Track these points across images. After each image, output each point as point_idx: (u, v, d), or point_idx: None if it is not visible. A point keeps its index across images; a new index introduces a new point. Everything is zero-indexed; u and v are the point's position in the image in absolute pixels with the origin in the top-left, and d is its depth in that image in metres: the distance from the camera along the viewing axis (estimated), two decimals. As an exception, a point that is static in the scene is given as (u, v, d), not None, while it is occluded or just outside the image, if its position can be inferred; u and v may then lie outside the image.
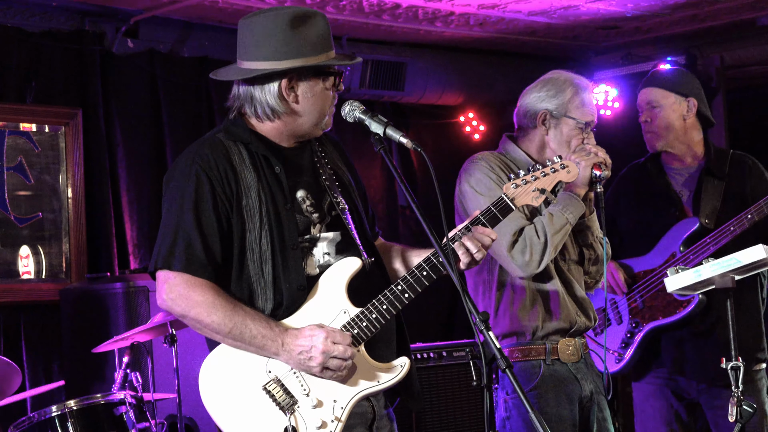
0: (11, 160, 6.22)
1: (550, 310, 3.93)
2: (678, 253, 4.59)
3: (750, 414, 3.66)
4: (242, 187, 3.12)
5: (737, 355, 3.71)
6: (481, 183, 3.93)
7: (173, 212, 3.11)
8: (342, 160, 3.40)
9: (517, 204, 3.29)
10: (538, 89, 4.07)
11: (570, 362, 3.95)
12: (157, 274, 3.11)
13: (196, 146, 3.19)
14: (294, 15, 3.17)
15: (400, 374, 3.15)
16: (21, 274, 6.23)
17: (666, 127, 4.71)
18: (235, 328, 3.05)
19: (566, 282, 3.98)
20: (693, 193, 4.70)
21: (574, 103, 4.01)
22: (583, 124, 4.00)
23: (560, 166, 3.36)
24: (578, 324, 3.96)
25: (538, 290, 3.94)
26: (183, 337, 5.15)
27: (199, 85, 6.93)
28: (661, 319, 4.57)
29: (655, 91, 4.75)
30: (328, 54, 3.18)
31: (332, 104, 3.24)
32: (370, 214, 3.44)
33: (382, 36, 7.38)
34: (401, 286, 3.14)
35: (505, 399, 3.93)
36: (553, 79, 4.08)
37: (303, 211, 3.18)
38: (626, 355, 4.62)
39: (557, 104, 4.02)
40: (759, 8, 7.15)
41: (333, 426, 3.08)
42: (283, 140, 3.25)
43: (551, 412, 3.85)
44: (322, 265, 3.18)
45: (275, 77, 3.16)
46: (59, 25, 6.40)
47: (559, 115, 4.01)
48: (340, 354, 3.05)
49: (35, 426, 4.73)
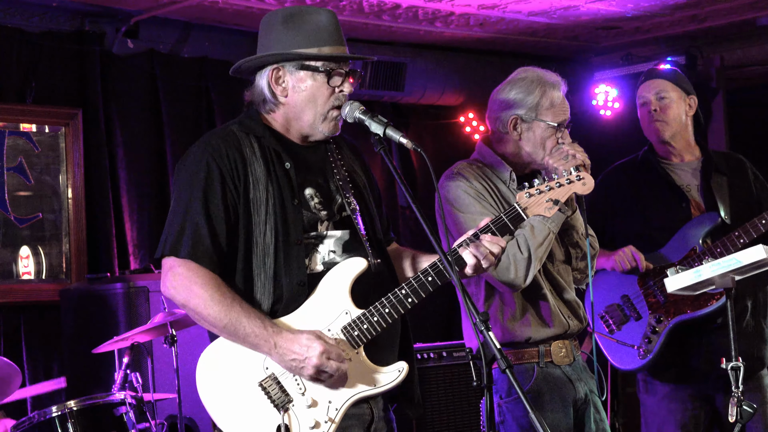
0: (11, 161, 6.22)
1: (543, 319, 3.87)
2: (699, 247, 4.58)
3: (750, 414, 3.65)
4: (251, 179, 3.13)
5: (737, 355, 3.71)
6: (460, 200, 3.83)
7: (182, 200, 3.13)
8: (359, 164, 3.39)
9: (529, 214, 3.25)
10: (506, 92, 3.93)
11: (563, 364, 3.90)
12: (163, 261, 3.13)
13: (209, 136, 3.21)
14: (294, 11, 3.20)
15: (397, 379, 3.14)
16: (21, 275, 6.23)
17: (674, 119, 4.73)
18: (230, 324, 3.06)
19: (556, 286, 3.94)
20: (701, 187, 4.70)
21: (544, 105, 3.88)
22: (557, 125, 3.88)
23: (576, 177, 3.30)
24: (571, 328, 3.93)
25: (528, 300, 3.88)
26: (183, 338, 5.15)
27: (199, 86, 6.94)
28: (689, 312, 4.55)
29: (663, 82, 4.76)
30: (322, 49, 3.17)
31: (332, 105, 3.20)
32: (384, 219, 3.43)
33: (382, 36, 7.38)
34: (405, 290, 3.13)
35: (498, 403, 3.87)
36: (519, 79, 3.93)
37: (311, 208, 3.18)
38: (652, 350, 4.59)
39: (526, 108, 3.88)
40: (759, 8, 7.15)
41: (326, 427, 3.07)
42: (293, 136, 3.25)
43: (546, 415, 3.79)
44: (326, 262, 3.18)
45: (266, 67, 3.20)
46: (59, 26, 6.40)
47: (529, 119, 3.88)
48: (331, 371, 3.04)
49: (35, 426, 4.73)
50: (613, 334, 4.69)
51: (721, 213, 4.61)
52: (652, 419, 4.77)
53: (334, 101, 3.20)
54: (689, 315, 4.55)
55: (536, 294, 3.88)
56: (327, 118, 3.21)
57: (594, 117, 7.93)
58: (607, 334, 4.69)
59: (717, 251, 4.49)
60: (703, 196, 4.69)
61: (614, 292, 4.72)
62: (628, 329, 4.68)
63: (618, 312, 4.71)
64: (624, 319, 4.69)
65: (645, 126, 4.82)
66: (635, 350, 4.62)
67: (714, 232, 4.60)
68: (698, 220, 4.64)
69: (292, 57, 3.17)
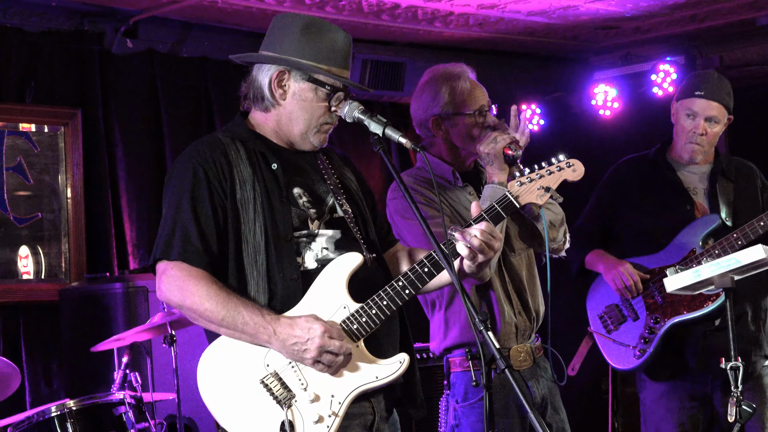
0: (10, 161, 6.22)
1: (493, 314, 3.86)
2: (698, 249, 4.59)
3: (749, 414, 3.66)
4: (237, 180, 3.16)
5: (737, 355, 3.72)
6: (408, 209, 3.80)
7: (172, 206, 3.17)
8: (350, 170, 3.42)
9: (521, 202, 3.29)
10: (419, 98, 3.99)
11: (522, 368, 3.90)
12: (157, 266, 3.16)
13: (194, 144, 3.26)
14: (314, 22, 3.23)
15: (399, 370, 3.14)
16: (20, 275, 6.23)
17: (711, 143, 4.72)
18: (228, 315, 3.07)
19: (511, 277, 3.92)
20: (708, 191, 4.71)
21: (456, 98, 3.91)
22: (475, 111, 3.91)
23: (566, 164, 3.34)
24: (520, 324, 3.90)
25: (480, 297, 3.89)
26: (182, 338, 5.15)
27: (198, 85, 6.93)
28: (685, 313, 4.56)
29: (718, 107, 4.70)
30: (331, 69, 3.21)
31: (325, 121, 3.24)
32: (378, 221, 3.44)
33: (382, 36, 7.38)
34: (402, 282, 3.14)
35: (454, 407, 3.90)
36: (426, 83, 3.99)
37: (299, 205, 3.20)
38: (648, 350, 4.60)
39: (440, 106, 3.93)
40: (758, 8, 7.15)
41: (330, 421, 3.07)
42: (281, 141, 3.29)
43: (498, 421, 3.81)
44: (320, 259, 3.19)
45: (272, 66, 3.22)
46: (58, 25, 6.40)
47: (447, 115, 3.93)
48: (335, 349, 3.04)
49: (35, 426, 4.73)
50: (610, 333, 4.70)
51: (722, 215, 4.62)
52: (650, 418, 4.79)
53: (328, 119, 3.26)
54: (685, 316, 4.57)
55: (488, 291, 3.88)
56: (319, 131, 3.26)
57: (593, 117, 7.93)
58: (604, 334, 4.71)
59: (715, 253, 4.50)
60: (708, 200, 4.70)
61: (613, 293, 4.74)
62: (626, 329, 4.70)
63: (616, 312, 4.72)
64: (622, 319, 4.70)
65: (681, 134, 4.76)
66: (631, 350, 4.63)
67: (715, 235, 4.60)
68: (699, 222, 4.64)
69: (304, 67, 3.20)
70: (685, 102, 4.72)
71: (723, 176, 4.73)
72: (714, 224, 4.61)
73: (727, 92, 4.75)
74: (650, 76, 7.63)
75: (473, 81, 3.96)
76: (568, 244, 4.04)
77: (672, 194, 4.74)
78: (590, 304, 4.86)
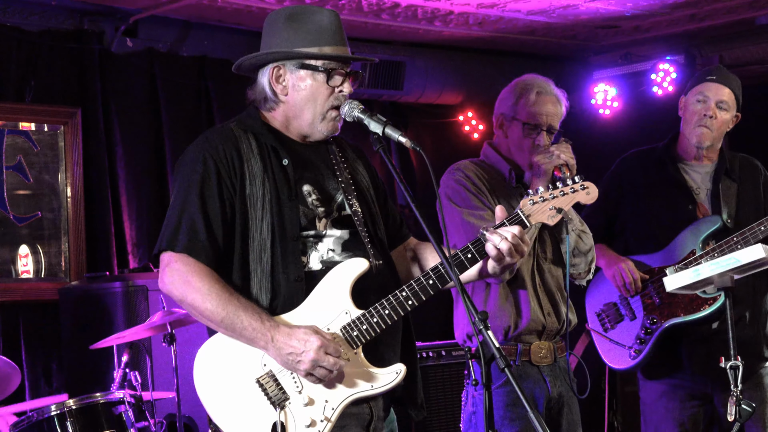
0: (10, 160, 6.22)
1: (520, 310, 3.93)
2: (698, 250, 4.58)
3: (749, 413, 3.66)
4: (247, 175, 3.14)
5: (736, 354, 3.72)
6: (458, 194, 3.92)
7: (179, 196, 3.15)
8: (362, 165, 3.40)
9: (532, 221, 3.25)
10: (502, 94, 4.10)
11: (542, 364, 3.97)
12: (161, 257, 3.14)
13: (206, 134, 3.23)
14: (297, 10, 3.21)
15: (394, 381, 3.12)
16: (20, 274, 6.23)
17: (720, 130, 4.70)
18: (227, 317, 3.06)
19: (543, 281, 3.99)
20: (710, 192, 4.70)
21: (520, 104, 4.01)
22: (530, 125, 3.97)
23: (580, 186, 3.31)
24: (548, 325, 3.97)
25: (511, 290, 3.95)
26: (182, 336, 5.15)
27: (198, 85, 6.94)
28: (681, 315, 4.56)
29: (729, 93, 4.70)
30: (323, 49, 3.18)
31: (331, 105, 3.21)
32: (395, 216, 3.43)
33: (381, 35, 7.38)
34: (406, 293, 3.13)
35: (473, 395, 3.93)
36: (515, 82, 4.09)
37: (308, 204, 3.18)
38: (643, 351, 4.61)
39: (509, 106, 4.04)
40: (757, 7, 7.15)
41: (322, 426, 3.07)
42: (293, 135, 3.27)
43: (513, 410, 3.86)
44: (325, 261, 3.17)
45: (267, 65, 3.21)
46: (58, 25, 6.40)
47: (508, 117, 4.04)
48: (329, 366, 3.03)
49: (34, 425, 4.73)
50: (607, 332, 4.70)
51: (723, 216, 4.61)
52: (650, 418, 4.78)
53: (334, 101, 3.21)
54: (682, 319, 4.56)
55: (518, 286, 3.94)
56: (326, 118, 3.22)
57: (593, 116, 7.94)
58: (601, 332, 4.71)
59: (715, 255, 4.49)
60: (711, 201, 4.69)
61: (612, 291, 4.73)
62: (623, 329, 4.69)
63: (614, 311, 4.71)
64: (619, 318, 4.70)
65: (690, 121, 4.71)
66: (627, 350, 4.63)
67: (716, 237, 4.60)
68: (700, 223, 4.64)
69: (292, 56, 3.18)
70: (697, 87, 4.71)
71: (727, 176, 4.72)
72: (715, 226, 4.60)
73: (737, 85, 4.76)
74: (650, 75, 7.64)
75: (546, 98, 4.03)
76: (591, 275, 4.08)
77: (675, 193, 4.73)
78: (589, 301, 4.86)
